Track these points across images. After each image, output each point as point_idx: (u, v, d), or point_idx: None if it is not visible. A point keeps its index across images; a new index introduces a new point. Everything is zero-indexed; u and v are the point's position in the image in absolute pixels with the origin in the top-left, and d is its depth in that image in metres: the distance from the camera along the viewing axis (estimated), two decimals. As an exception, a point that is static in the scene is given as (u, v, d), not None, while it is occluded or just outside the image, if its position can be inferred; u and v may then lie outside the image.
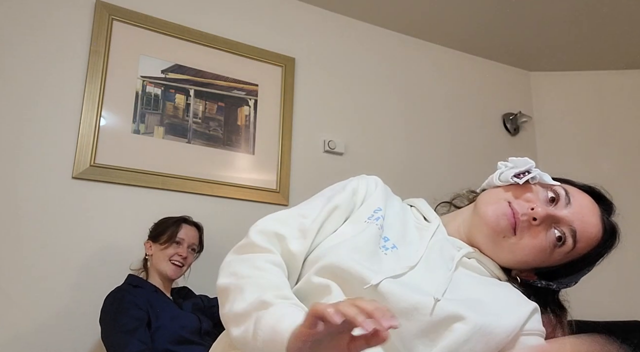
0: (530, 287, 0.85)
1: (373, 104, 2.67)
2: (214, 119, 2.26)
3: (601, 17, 2.60)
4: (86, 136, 1.97)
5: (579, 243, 0.79)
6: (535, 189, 0.82)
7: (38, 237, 1.85)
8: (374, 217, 0.81)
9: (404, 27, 2.81)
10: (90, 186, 1.96)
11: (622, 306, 2.68)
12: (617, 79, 3.08)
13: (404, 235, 0.83)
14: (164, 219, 1.86)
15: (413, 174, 2.64)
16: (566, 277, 0.84)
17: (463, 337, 0.67)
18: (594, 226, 0.81)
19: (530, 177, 0.82)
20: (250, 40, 2.40)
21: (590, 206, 0.82)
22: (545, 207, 0.80)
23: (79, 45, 2.05)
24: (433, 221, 0.87)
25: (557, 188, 0.82)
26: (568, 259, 0.81)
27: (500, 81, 3.10)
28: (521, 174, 0.83)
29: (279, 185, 2.31)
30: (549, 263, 0.82)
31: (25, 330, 1.76)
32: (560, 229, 0.79)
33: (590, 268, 0.85)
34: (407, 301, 0.69)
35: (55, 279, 1.84)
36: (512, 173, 0.83)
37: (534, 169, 0.83)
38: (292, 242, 0.76)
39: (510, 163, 0.85)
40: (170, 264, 1.78)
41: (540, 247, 0.79)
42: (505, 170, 0.84)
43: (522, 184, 0.82)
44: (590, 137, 3.02)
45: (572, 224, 0.79)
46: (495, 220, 0.81)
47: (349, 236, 0.79)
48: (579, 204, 0.81)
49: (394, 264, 0.76)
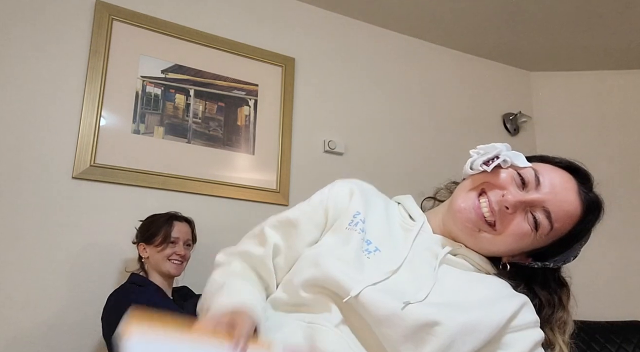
0: (526, 270, 0.83)
1: (373, 104, 2.67)
2: (214, 119, 2.26)
3: (601, 17, 2.60)
4: (86, 136, 1.98)
5: (557, 222, 0.77)
6: (509, 173, 0.79)
7: (38, 237, 1.85)
8: (353, 223, 0.81)
9: (404, 27, 2.81)
10: (90, 186, 1.96)
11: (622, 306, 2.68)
12: (617, 79, 3.08)
13: (388, 236, 0.82)
14: (152, 219, 1.82)
15: (413, 174, 2.64)
16: (559, 255, 0.82)
17: (446, 342, 0.66)
18: (570, 203, 0.77)
19: (499, 162, 0.79)
20: (250, 40, 2.40)
21: (564, 183, 0.78)
22: (517, 192, 0.77)
23: (79, 45, 2.05)
24: (418, 219, 0.86)
25: (526, 170, 0.79)
26: (553, 239, 0.79)
27: (500, 81, 3.10)
28: (490, 160, 0.81)
29: (279, 185, 2.31)
30: (535, 246, 0.80)
31: (25, 330, 1.76)
32: (534, 212, 0.76)
33: (581, 243, 0.82)
34: (386, 308, 0.69)
35: (55, 279, 1.84)
36: (481, 160, 0.81)
37: (504, 153, 0.80)
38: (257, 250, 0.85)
39: (480, 150, 0.83)
40: (170, 263, 1.77)
41: (520, 233, 0.77)
42: (477, 158, 0.82)
43: (496, 170, 0.80)
44: (590, 137, 3.02)
45: (544, 204, 0.76)
46: (466, 215, 0.79)
47: (331, 245, 0.79)
48: (550, 183, 0.77)
49: (376, 269, 0.75)
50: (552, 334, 0.79)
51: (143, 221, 1.84)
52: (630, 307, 2.68)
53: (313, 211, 0.85)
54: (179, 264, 1.80)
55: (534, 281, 0.83)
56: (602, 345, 2.39)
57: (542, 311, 0.80)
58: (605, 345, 2.39)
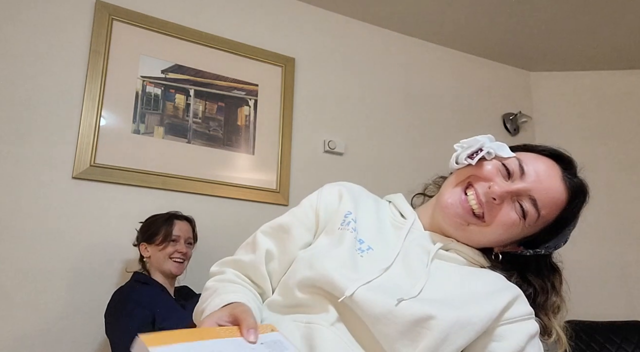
0: (519, 259, 0.84)
1: (373, 104, 2.68)
2: (214, 119, 2.26)
3: (601, 17, 2.60)
4: (86, 136, 1.98)
5: (543, 210, 0.78)
6: (494, 165, 0.81)
7: (38, 237, 1.85)
8: (345, 222, 0.82)
9: (404, 28, 2.81)
10: (90, 186, 1.96)
11: (622, 306, 2.68)
12: (617, 79, 3.08)
13: (379, 235, 0.83)
14: (152, 219, 1.84)
15: (413, 174, 2.64)
16: (549, 242, 0.83)
17: (441, 336, 0.67)
18: (555, 190, 0.79)
19: (483, 155, 0.81)
20: (250, 40, 2.41)
21: (548, 170, 0.80)
22: (503, 183, 0.79)
23: (79, 45, 2.05)
24: (409, 217, 0.87)
25: (510, 160, 0.81)
26: (542, 226, 0.80)
27: (500, 81, 3.11)
28: (474, 153, 0.82)
29: (279, 185, 2.31)
30: (526, 234, 0.81)
31: (25, 329, 1.76)
32: (521, 201, 0.78)
33: (570, 228, 0.83)
34: (380, 306, 0.69)
35: (55, 279, 1.84)
36: (465, 154, 0.83)
37: (487, 145, 0.82)
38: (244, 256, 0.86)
39: (464, 144, 0.85)
40: (172, 261, 1.78)
41: (509, 223, 0.79)
42: (461, 151, 0.84)
43: (480, 162, 0.81)
44: (590, 137, 3.02)
45: (529, 192, 0.78)
46: (454, 210, 0.81)
47: (325, 246, 0.80)
48: (534, 171, 0.79)
49: (370, 268, 0.76)
50: (547, 319, 0.81)
51: (143, 222, 1.85)
52: (630, 307, 2.68)
53: (304, 214, 0.86)
54: (181, 263, 1.80)
55: (527, 269, 0.84)
56: (602, 345, 2.39)
57: (536, 298, 0.82)
58: (605, 345, 2.39)
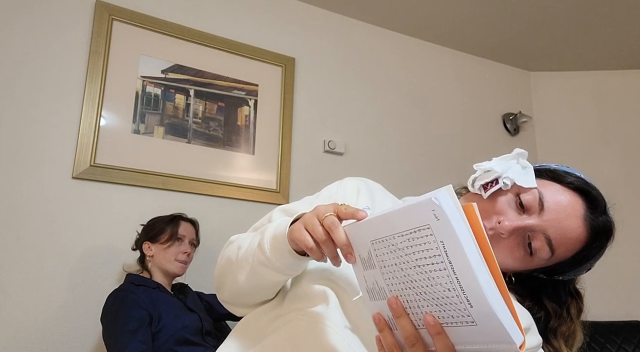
0: (535, 280, 0.81)
1: (373, 104, 2.68)
2: (214, 119, 2.26)
3: (601, 17, 2.60)
4: (86, 136, 1.98)
5: (558, 249, 0.74)
6: (509, 199, 0.76)
7: (38, 237, 1.85)
8: None
9: (404, 27, 2.81)
10: (90, 186, 1.96)
11: (622, 306, 2.68)
12: (617, 79, 3.08)
13: None
14: (157, 219, 1.85)
15: (413, 174, 2.64)
16: (568, 273, 0.79)
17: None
18: (574, 230, 0.73)
19: (496, 189, 0.76)
20: (250, 40, 2.41)
21: (569, 208, 0.74)
22: (515, 217, 0.74)
23: (79, 45, 2.05)
24: None
25: (530, 192, 0.74)
26: (557, 261, 0.76)
27: (500, 81, 3.11)
28: (488, 184, 0.77)
29: (279, 185, 2.31)
30: (538, 266, 0.77)
31: (25, 329, 1.76)
32: (532, 238, 0.74)
33: (592, 262, 0.78)
34: None
35: (55, 279, 1.84)
36: (479, 183, 0.78)
37: (504, 176, 0.76)
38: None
39: (486, 166, 0.78)
40: (176, 263, 1.79)
41: (517, 258, 0.75)
42: (479, 175, 0.79)
43: (495, 195, 0.76)
44: (590, 137, 3.02)
45: (545, 231, 0.73)
46: None
47: None
48: (554, 208, 0.73)
49: None
50: (558, 345, 0.78)
51: (146, 223, 1.86)
52: (630, 307, 2.68)
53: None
54: (185, 264, 1.82)
55: (543, 292, 0.81)
56: (602, 345, 2.39)
57: (549, 322, 0.79)
58: (605, 345, 2.39)
